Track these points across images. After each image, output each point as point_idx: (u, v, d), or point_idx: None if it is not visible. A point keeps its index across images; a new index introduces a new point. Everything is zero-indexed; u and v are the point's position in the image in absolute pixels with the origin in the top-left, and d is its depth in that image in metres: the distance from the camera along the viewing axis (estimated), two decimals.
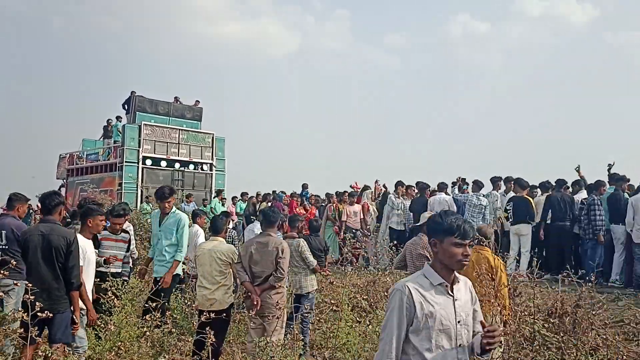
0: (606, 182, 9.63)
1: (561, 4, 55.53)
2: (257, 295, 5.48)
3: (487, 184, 11.18)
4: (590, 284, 5.53)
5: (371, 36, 60.68)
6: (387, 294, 6.77)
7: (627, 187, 9.78)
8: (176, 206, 6.99)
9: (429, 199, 11.25)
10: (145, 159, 18.45)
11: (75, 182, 20.31)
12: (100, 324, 4.91)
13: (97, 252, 5.59)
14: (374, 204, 13.26)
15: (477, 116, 54.44)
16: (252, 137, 55.25)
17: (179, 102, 21.15)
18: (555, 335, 4.99)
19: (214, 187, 19.25)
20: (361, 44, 61.05)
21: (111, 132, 20.77)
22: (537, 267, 6.06)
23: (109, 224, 6.42)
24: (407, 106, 59.05)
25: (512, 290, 5.39)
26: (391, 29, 62.09)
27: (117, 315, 5.30)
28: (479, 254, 5.35)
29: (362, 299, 6.59)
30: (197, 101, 21.64)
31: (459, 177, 11.95)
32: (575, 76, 51.13)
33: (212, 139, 20.18)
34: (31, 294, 3.86)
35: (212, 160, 19.98)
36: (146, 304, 5.64)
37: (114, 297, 5.38)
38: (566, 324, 5.33)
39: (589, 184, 10.08)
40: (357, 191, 13.57)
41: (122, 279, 6.07)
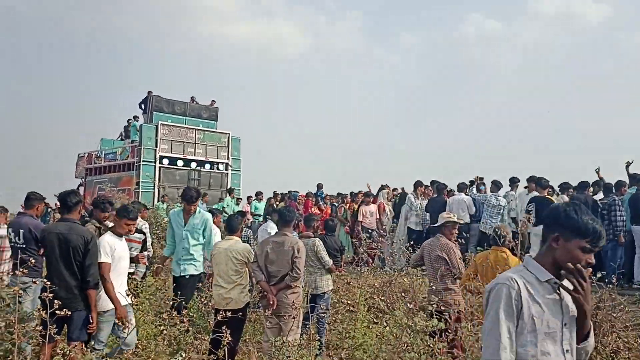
0: (626, 182, 9.48)
1: (577, 3, 54.94)
2: (273, 294, 5.47)
3: (506, 184, 11.10)
4: (611, 286, 5.44)
5: (384, 36, 60.71)
6: (403, 295, 6.72)
7: None
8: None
9: (447, 199, 11.17)
10: (162, 158, 18.60)
11: (93, 181, 20.52)
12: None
13: None
14: (390, 203, 13.19)
15: (491, 116, 54.06)
16: (266, 137, 55.43)
17: (195, 102, 21.27)
18: None
19: (230, 186, 19.33)
20: (374, 44, 61.02)
21: (129, 132, 20.96)
22: None
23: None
24: (420, 106, 58.79)
25: None
26: (404, 29, 62.03)
27: (135, 313, 5.33)
28: (497, 254, 5.29)
29: (378, 299, 6.54)
30: (213, 101, 21.74)
31: (477, 177, 11.84)
32: (590, 75, 50.55)
33: (228, 138, 20.26)
34: (50, 292, 3.89)
35: (227, 159, 20.06)
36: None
37: (131, 295, 5.39)
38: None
39: (607, 183, 9.93)
40: (370, 192, 13.50)
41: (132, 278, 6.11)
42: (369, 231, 11.94)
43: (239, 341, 5.61)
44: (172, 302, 5.96)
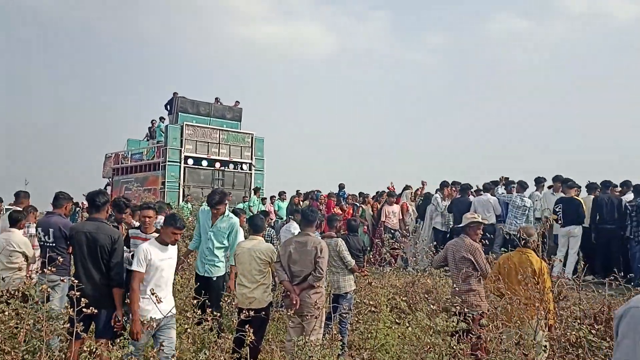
0: None
1: (604, 2, 53.90)
2: (296, 294, 5.49)
3: (532, 184, 10.95)
4: (638, 288, 5.33)
5: (410, 36, 60.39)
6: (426, 296, 6.68)
7: None
8: None
9: (473, 199, 11.06)
10: (187, 158, 18.82)
11: (120, 180, 20.85)
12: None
13: (127, 250, 5.32)
14: (413, 204, 13.12)
15: (518, 116, 53.34)
16: (290, 137, 55.61)
17: (220, 103, 21.44)
18: (602, 341, 4.83)
19: (253, 186, 19.44)
20: (400, 44, 60.74)
21: (154, 133, 21.24)
22: (583, 271, 5.89)
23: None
24: (446, 106, 58.31)
25: (558, 293, 5.25)
26: (430, 29, 61.59)
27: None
28: (521, 255, 5.23)
29: (401, 300, 6.52)
30: (237, 102, 21.90)
31: (502, 177, 11.69)
32: (619, 75, 49.52)
33: (252, 139, 20.39)
34: (77, 290, 3.97)
35: (251, 159, 20.19)
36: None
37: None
38: (613, 329, 5.15)
39: (637, 184, 9.72)
40: (393, 192, 13.43)
41: None
42: (392, 231, 11.90)
43: (262, 340, 5.64)
44: (195, 301, 6.01)
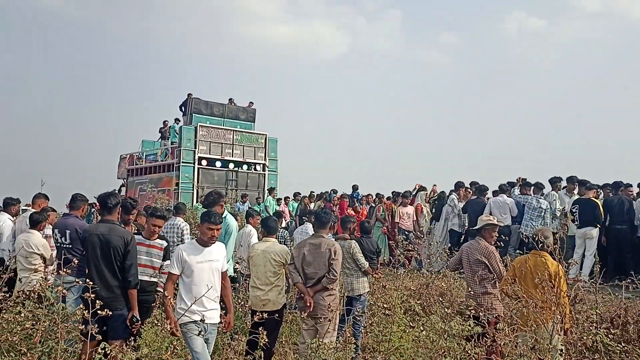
0: None
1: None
2: (310, 296, 5.48)
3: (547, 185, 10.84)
4: None
5: (424, 35, 60.11)
6: (441, 299, 6.64)
7: None
8: (231, 206, 7.03)
9: (488, 200, 10.97)
10: (200, 159, 18.92)
11: (134, 181, 20.99)
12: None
13: None
14: (427, 205, 13.04)
15: (533, 116, 52.86)
16: (304, 138, 55.66)
17: (233, 104, 21.51)
18: (618, 344, 4.77)
19: (267, 187, 19.49)
20: (413, 44, 60.51)
21: (168, 133, 21.35)
22: (599, 273, 5.82)
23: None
24: (460, 106, 57.98)
25: (574, 297, 5.19)
26: (444, 28, 61.28)
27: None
28: (537, 258, 5.17)
29: (415, 302, 6.48)
30: (251, 102, 21.96)
31: (519, 178, 11.58)
32: (635, 73, 48.86)
33: (265, 139, 20.45)
34: (91, 292, 3.98)
35: (265, 160, 20.24)
36: None
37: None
38: (630, 332, 5.09)
39: None
40: (409, 192, 13.35)
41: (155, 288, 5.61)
42: (406, 233, 11.85)
43: (276, 342, 5.64)
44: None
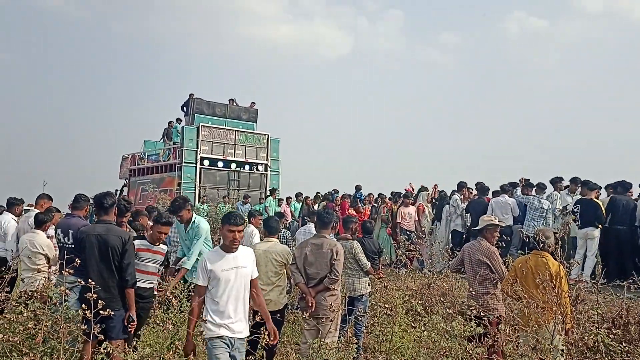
0: None
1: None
2: (312, 296, 5.49)
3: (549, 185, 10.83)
4: None
5: (424, 35, 60.08)
6: (442, 299, 6.64)
7: None
8: (232, 206, 7.09)
9: (490, 200, 10.97)
10: (202, 159, 18.92)
11: (137, 182, 20.99)
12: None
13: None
14: (429, 205, 13.04)
15: (534, 116, 52.78)
16: (305, 138, 55.69)
17: (235, 104, 21.51)
18: (620, 344, 4.76)
19: (269, 187, 19.50)
20: (414, 44, 60.49)
21: (172, 134, 21.36)
22: (601, 274, 5.81)
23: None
24: (460, 106, 57.94)
25: (575, 297, 5.19)
26: (445, 28, 61.25)
27: (175, 314, 5.42)
28: (538, 258, 5.17)
29: (416, 302, 6.48)
30: (253, 103, 21.97)
31: (522, 178, 11.58)
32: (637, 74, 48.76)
33: (267, 139, 20.46)
34: (90, 292, 3.97)
35: (267, 160, 20.26)
36: None
37: (172, 297, 5.47)
38: (631, 333, 5.09)
39: None
40: (411, 193, 13.36)
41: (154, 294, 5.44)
42: (408, 233, 11.85)
43: (277, 342, 5.64)
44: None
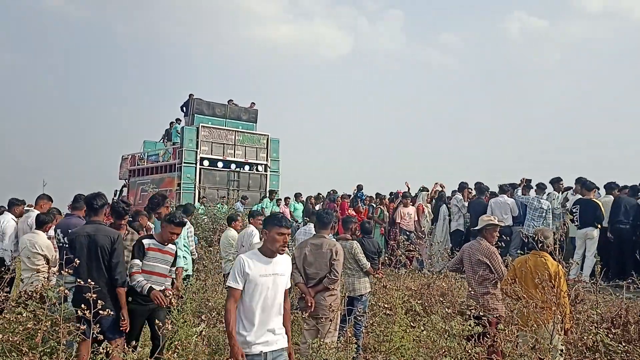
0: None
1: None
2: (311, 296, 5.50)
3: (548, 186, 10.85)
4: None
5: (425, 35, 60.04)
6: (442, 299, 6.64)
7: None
8: (231, 206, 7.14)
9: (489, 201, 10.98)
10: (202, 160, 18.89)
11: (136, 182, 20.96)
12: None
13: (140, 264, 4.94)
14: (429, 206, 13.05)
15: (534, 116, 52.79)
16: (305, 138, 55.71)
17: (234, 104, 21.50)
18: (619, 344, 4.77)
19: (269, 187, 19.49)
20: (415, 44, 60.48)
21: (172, 135, 21.35)
22: (600, 273, 5.82)
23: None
24: (461, 107, 57.95)
25: (574, 297, 5.20)
26: (445, 28, 61.21)
27: (175, 314, 5.43)
28: (537, 258, 5.18)
29: (416, 302, 6.49)
30: (253, 103, 21.95)
31: (523, 179, 11.59)
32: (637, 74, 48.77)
33: (267, 140, 20.43)
34: (80, 293, 3.96)
35: (266, 161, 20.24)
36: None
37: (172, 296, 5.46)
38: (631, 332, 5.10)
39: None
40: (408, 193, 13.36)
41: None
42: (407, 233, 11.86)
43: None
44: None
